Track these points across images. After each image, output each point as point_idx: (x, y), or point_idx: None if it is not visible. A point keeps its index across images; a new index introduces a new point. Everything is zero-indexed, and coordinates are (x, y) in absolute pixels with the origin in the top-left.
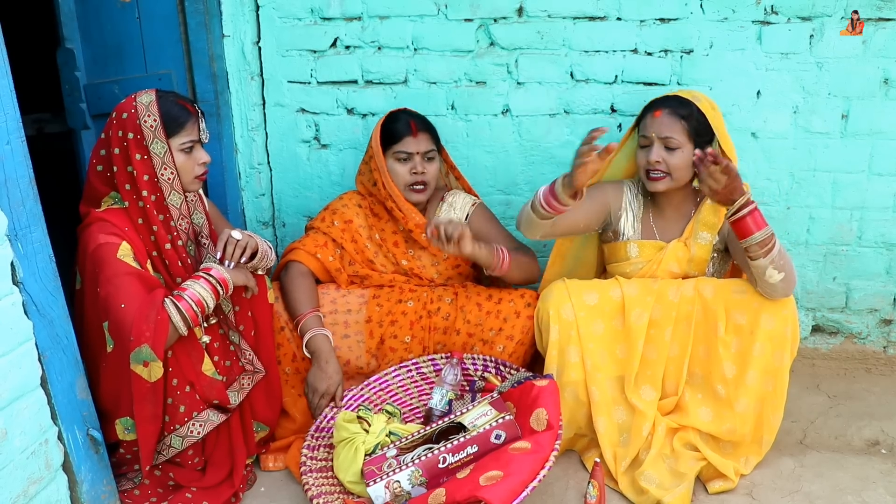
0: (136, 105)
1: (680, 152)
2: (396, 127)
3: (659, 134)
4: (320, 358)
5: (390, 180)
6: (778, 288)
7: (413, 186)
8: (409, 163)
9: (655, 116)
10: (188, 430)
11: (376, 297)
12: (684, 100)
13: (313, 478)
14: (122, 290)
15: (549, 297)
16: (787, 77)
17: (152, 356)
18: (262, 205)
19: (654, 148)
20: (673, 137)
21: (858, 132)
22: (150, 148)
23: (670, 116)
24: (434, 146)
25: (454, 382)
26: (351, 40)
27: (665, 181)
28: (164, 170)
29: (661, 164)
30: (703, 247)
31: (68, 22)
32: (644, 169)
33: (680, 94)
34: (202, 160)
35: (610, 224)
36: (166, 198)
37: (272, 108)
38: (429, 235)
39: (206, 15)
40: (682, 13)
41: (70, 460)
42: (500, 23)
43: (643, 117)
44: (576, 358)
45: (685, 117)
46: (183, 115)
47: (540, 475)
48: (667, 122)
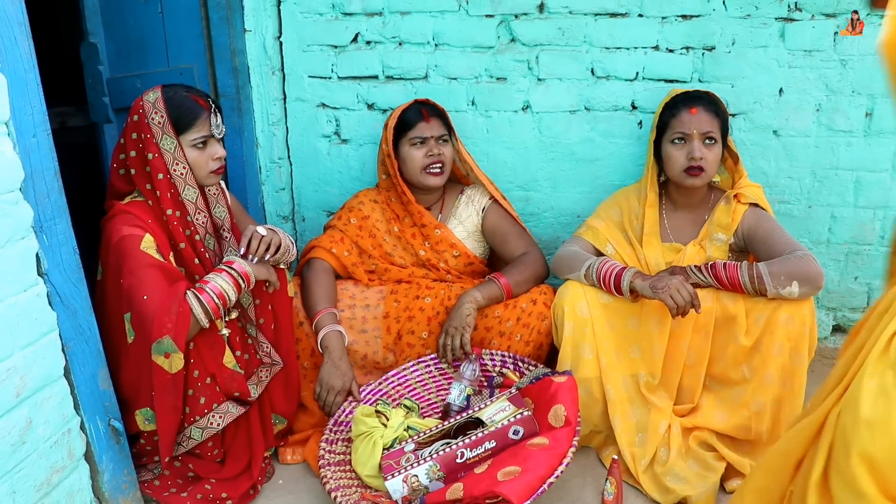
0: (143, 104)
1: (717, 147)
2: (408, 115)
3: (700, 129)
4: (333, 354)
5: (400, 176)
6: (803, 294)
7: (430, 169)
8: (425, 146)
9: (693, 113)
10: (208, 422)
11: (394, 292)
12: (711, 95)
13: (331, 471)
14: (145, 281)
15: (564, 294)
16: (810, 74)
17: (174, 347)
18: (283, 199)
19: (695, 143)
20: (713, 132)
21: (882, 130)
22: (160, 145)
23: (707, 112)
24: (446, 130)
25: (472, 378)
26: (372, 36)
27: (702, 177)
28: (175, 165)
29: (703, 159)
30: (718, 248)
31: (92, 17)
32: (683, 167)
33: (696, 91)
34: (217, 155)
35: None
36: (181, 193)
37: (293, 102)
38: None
39: (227, 10)
40: (705, 10)
41: (92, 450)
42: (521, 19)
43: (675, 114)
44: (590, 355)
45: (718, 113)
46: (194, 109)
47: (557, 471)
48: (706, 119)
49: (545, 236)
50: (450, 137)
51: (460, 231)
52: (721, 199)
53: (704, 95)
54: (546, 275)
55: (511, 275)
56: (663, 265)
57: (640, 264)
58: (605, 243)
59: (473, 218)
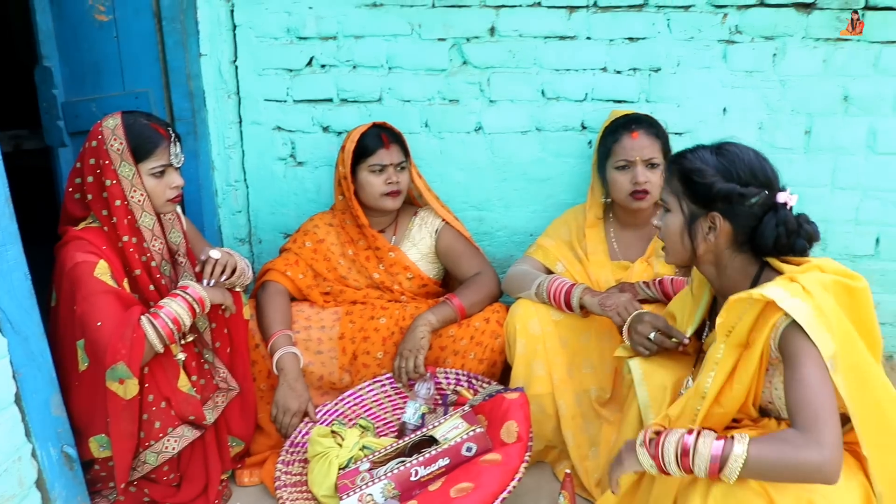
0: (102, 130)
1: (660, 169)
2: (369, 141)
3: (642, 156)
4: (289, 376)
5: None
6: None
7: (388, 194)
8: (384, 174)
9: (634, 138)
10: (163, 446)
11: (349, 313)
12: (651, 118)
13: (288, 492)
14: (99, 307)
15: (516, 312)
16: (751, 94)
17: (128, 374)
18: (239, 222)
19: (639, 169)
20: (655, 157)
21: (821, 147)
22: (118, 171)
23: (648, 137)
24: (404, 157)
25: (427, 396)
26: (326, 59)
27: (648, 199)
28: (133, 192)
29: (648, 182)
30: (665, 264)
31: (46, 40)
32: (629, 191)
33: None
34: (174, 184)
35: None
36: (138, 220)
37: (249, 126)
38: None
39: (183, 34)
40: (650, 33)
41: (44, 478)
42: (473, 42)
43: (617, 139)
44: (542, 371)
45: (659, 135)
46: (154, 138)
47: (510, 487)
48: (647, 143)
49: (499, 255)
50: (406, 163)
51: (414, 253)
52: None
53: (644, 118)
54: (499, 294)
55: (464, 296)
56: (612, 282)
57: (590, 281)
58: (555, 262)
59: (427, 240)
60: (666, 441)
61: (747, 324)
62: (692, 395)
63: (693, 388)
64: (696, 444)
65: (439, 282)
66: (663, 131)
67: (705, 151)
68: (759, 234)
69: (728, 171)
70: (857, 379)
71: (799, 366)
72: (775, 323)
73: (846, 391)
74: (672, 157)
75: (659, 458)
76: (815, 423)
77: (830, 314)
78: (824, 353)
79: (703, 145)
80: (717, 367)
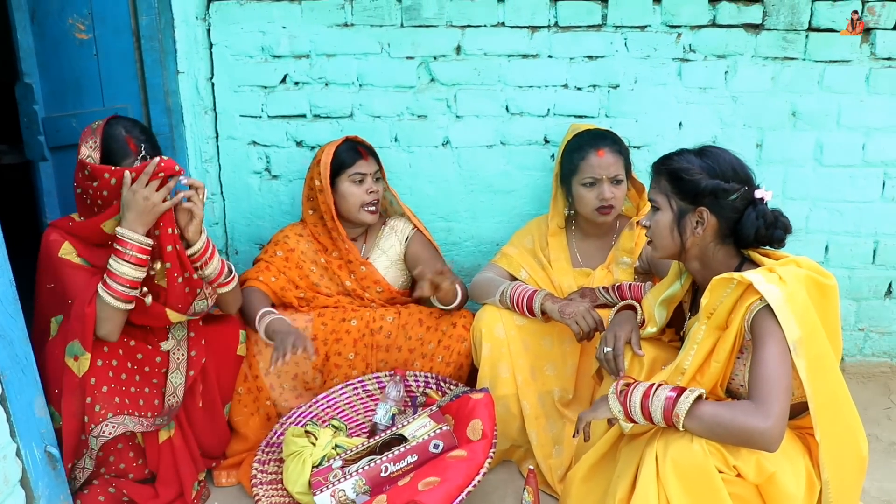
0: (85, 131)
1: (624, 184)
2: (346, 153)
3: (609, 174)
4: (283, 327)
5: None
6: None
7: (367, 207)
8: (364, 184)
9: (601, 156)
10: (100, 430)
11: (321, 315)
12: (614, 134)
13: (264, 489)
14: (68, 286)
15: (482, 317)
16: (705, 109)
17: (81, 350)
18: (216, 233)
19: (605, 186)
20: (620, 173)
21: (772, 160)
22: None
23: (614, 154)
24: (378, 168)
25: (397, 398)
26: (300, 77)
27: (612, 213)
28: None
29: (613, 198)
30: (624, 271)
31: (27, 57)
32: (595, 206)
33: (595, 128)
34: None
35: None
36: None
37: (225, 140)
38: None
39: (161, 52)
40: (609, 51)
41: (27, 476)
42: (440, 60)
43: (584, 157)
44: (507, 373)
45: (622, 152)
46: (123, 150)
47: (475, 480)
48: (613, 161)
49: (467, 264)
50: (380, 174)
51: (384, 261)
52: (626, 226)
53: (608, 135)
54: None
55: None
56: (574, 287)
57: (553, 287)
58: (518, 269)
59: (397, 247)
60: (634, 390)
61: (727, 306)
62: (672, 371)
63: (673, 364)
64: (656, 390)
65: (407, 291)
66: (625, 147)
67: (689, 153)
68: (742, 226)
69: (712, 169)
70: (819, 369)
71: (763, 346)
72: (750, 305)
73: (807, 376)
74: (658, 160)
75: (627, 405)
76: (768, 396)
77: (800, 303)
78: (789, 336)
79: (686, 149)
80: (697, 346)
